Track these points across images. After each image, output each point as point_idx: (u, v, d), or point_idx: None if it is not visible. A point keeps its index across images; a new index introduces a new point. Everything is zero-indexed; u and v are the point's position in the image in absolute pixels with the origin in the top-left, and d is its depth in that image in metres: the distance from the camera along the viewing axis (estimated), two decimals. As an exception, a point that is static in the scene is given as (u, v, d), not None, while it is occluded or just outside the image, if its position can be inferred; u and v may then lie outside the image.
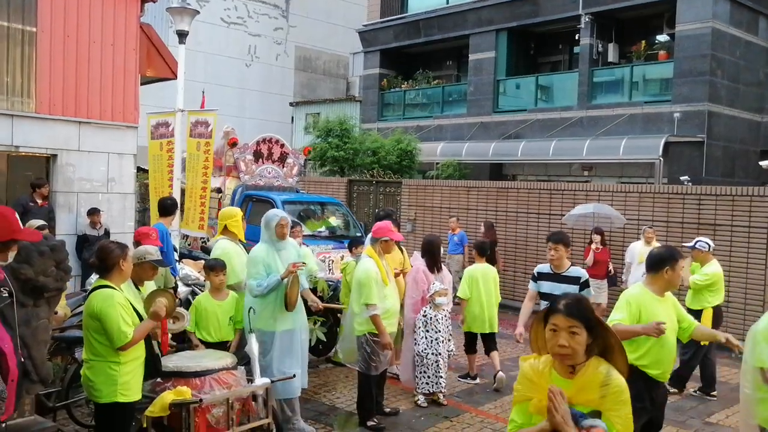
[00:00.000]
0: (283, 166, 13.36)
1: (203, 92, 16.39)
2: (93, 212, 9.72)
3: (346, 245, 10.92)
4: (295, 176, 13.78)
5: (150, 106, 13.78)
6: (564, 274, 6.36)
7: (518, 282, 13.70)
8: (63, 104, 9.27)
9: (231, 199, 12.56)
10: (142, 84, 10.79)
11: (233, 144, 12.60)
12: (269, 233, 6.10)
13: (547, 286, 6.44)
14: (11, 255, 3.60)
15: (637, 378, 4.54)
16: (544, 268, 6.53)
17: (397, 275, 7.38)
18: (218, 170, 13.05)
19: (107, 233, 9.75)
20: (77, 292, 7.24)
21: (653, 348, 4.62)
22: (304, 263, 6.29)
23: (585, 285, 6.29)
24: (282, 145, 13.29)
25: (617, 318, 4.64)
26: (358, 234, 11.99)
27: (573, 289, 6.09)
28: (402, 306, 7.32)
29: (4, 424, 3.72)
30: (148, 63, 10.79)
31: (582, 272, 6.42)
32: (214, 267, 6.10)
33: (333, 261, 11.24)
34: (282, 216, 6.23)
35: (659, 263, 4.71)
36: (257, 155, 12.90)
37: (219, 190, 12.59)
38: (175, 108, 10.44)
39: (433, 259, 7.63)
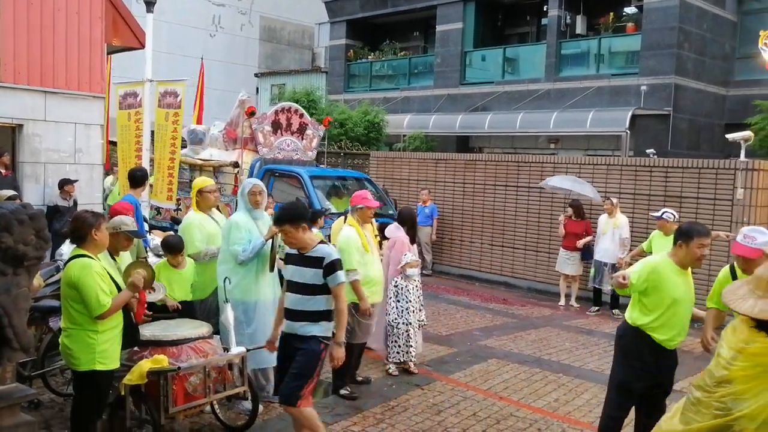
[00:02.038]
0: (302, 138, 12.45)
1: (202, 59, 16.29)
2: (66, 183, 9.58)
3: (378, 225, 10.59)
4: (315, 149, 12.92)
5: (117, 76, 13.49)
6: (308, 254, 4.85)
7: (485, 253, 13.85)
8: (28, 73, 9.07)
9: (249, 173, 11.59)
10: (109, 54, 10.60)
11: (251, 113, 11.64)
12: (245, 202, 6.08)
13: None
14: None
15: (641, 339, 4.83)
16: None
17: None
18: (233, 142, 12.23)
19: (76, 204, 9.63)
20: (48, 263, 7.16)
21: (665, 314, 4.75)
22: None
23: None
24: (301, 115, 12.40)
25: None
26: (390, 212, 11.36)
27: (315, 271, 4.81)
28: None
29: None
30: (114, 32, 10.57)
31: (327, 252, 4.85)
32: (172, 250, 6.06)
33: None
34: (255, 183, 6.24)
35: (676, 237, 4.86)
36: (275, 126, 11.95)
37: (236, 164, 11.53)
38: (143, 78, 10.28)
39: (412, 231, 7.67)
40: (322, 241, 4.83)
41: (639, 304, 4.87)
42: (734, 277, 4.88)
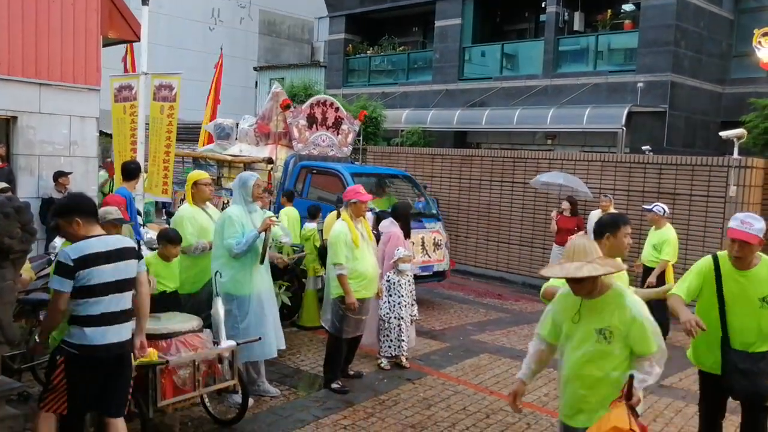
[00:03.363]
0: (338, 133, 11.84)
1: (221, 49, 15.98)
2: (61, 175, 9.57)
3: (426, 224, 10.23)
4: (350, 144, 12.25)
5: (113, 69, 13.47)
6: None
7: (480, 249, 13.88)
8: (23, 65, 9.07)
9: (283, 170, 11.14)
10: (104, 46, 10.59)
11: (286, 107, 11.10)
12: (245, 194, 6.06)
13: None
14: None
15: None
16: None
17: None
18: (265, 137, 11.66)
19: (70, 197, 9.62)
20: (41, 255, 7.18)
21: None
22: (278, 218, 6.39)
23: None
24: (337, 109, 11.79)
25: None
26: (434, 211, 11.02)
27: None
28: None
29: None
30: (110, 24, 10.57)
31: None
32: (172, 241, 6.02)
33: (413, 243, 9.62)
34: (258, 176, 6.29)
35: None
36: (311, 120, 11.38)
37: (270, 161, 10.83)
38: (138, 71, 10.28)
39: (406, 226, 7.73)
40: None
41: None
42: (717, 267, 4.58)
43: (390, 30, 26.36)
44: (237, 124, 12.43)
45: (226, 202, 10.57)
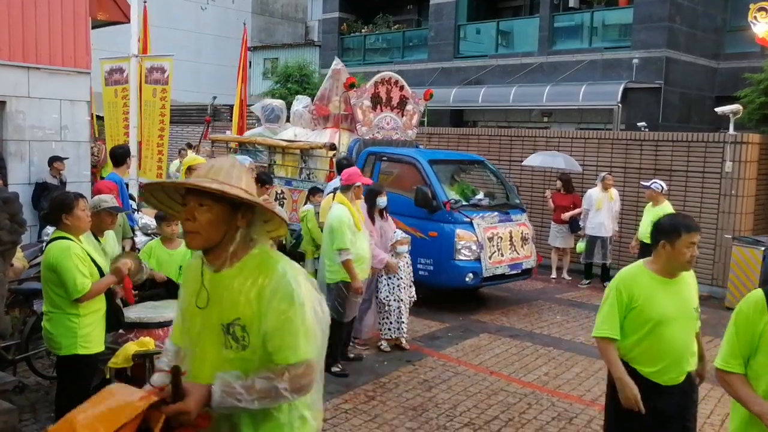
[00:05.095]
0: (402, 114, 10.76)
1: (244, 23, 15.05)
2: (56, 160, 9.43)
3: (513, 217, 9.50)
4: (415, 127, 11.09)
5: (105, 51, 13.25)
6: None
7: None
8: (10, 49, 8.91)
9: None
10: (93, 28, 10.43)
11: (351, 86, 9.98)
12: None
13: None
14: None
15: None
16: None
17: None
18: (323, 120, 10.69)
19: (64, 183, 9.51)
20: (34, 243, 7.10)
21: (647, 338, 3.62)
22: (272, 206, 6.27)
23: None
24: (401, 87, 10.66)
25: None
26: (517, 201, 10.15)
27: None
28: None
29: None
30: (99, 6, 10.41)
31: None
32: (165, 217, 5.93)
33: (501, 239, 9.15)
34: (250, 160, 6.19)
35: (654, 236, 3.71)
36: (375, 101, 10.25)
37: (333, 147, 9.78)
38: (129, 53, 10.14)
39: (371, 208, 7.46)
40: None
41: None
42: None
43: (384, 8, 26.13)
44: (285, 105, 11.55)
45: (280, 192, 10.15)
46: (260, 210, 2.39)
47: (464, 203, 9.22)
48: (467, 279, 8.81)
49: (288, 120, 11.52)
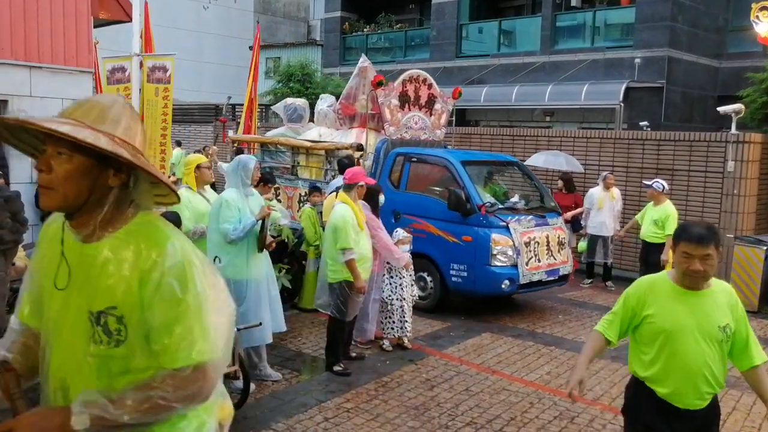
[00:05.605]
0: (431, 114, 10.44)
1: (257, 21, 14.93)
2: None
3: (549, 220, 9.15)
4: (443, 127, 10.78)
5: (106, 50, 13.26)
6: None
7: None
8: (12, 48, 8.92)
9: (374, 158, 9.61)
10: (95, 27, 10.43)
11: (379, 83, 9.63)
12: (245, 177, 5.95)
13: None
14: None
15: (641, 394, 3.44)
16: None
17: None
18: (349, 120, 10.39)
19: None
20: (35, 243, 7.11)
21: (662, 354, 3.32)
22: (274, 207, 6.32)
23: None
24: (430, 86, 10.35)
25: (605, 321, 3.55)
26: (552, 203, 9.84)
27: None
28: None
29: None
30: (100, 4, 10.42)
31: None
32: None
33: (538, 243, 8.77)
34: (257, 159, 6.23)
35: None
36: (403, 99, 9.94)
37: (360, 147, 9.42)
38: (130, 52, 10.13)
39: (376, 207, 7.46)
40: None
41: (632, 342, 3.52)
42: None
43: (386, 7, 26.16)
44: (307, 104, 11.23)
45: (303, 194, 9.76)
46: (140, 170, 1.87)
47: (500, 206, 8.82)
48: (503, 286, 8.45)
49: (311, 120, 11.33)
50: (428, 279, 8.91)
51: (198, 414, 2.02)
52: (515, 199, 9.30)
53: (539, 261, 8.72)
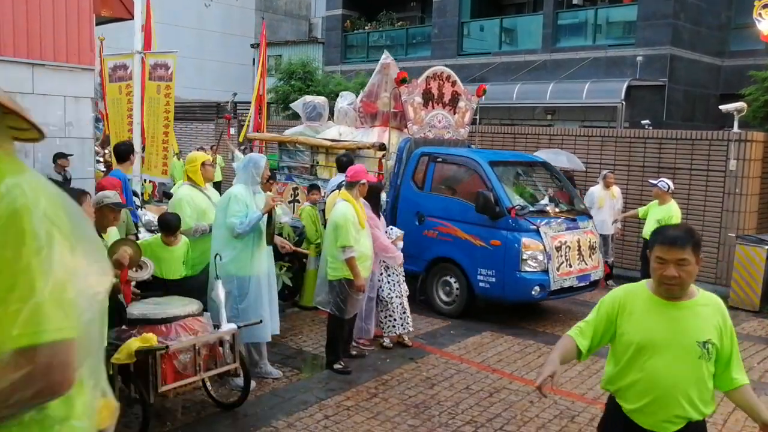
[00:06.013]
0: (454, 112, 10.11)
1: (263, 18, 14.80)
2: (60, 156, 9.44)
3: (580, 224, 8.78)
4: (467, 125, 10.46)
5: (108, 48, 13.26)
6: None
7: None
8: (14, 45, 8.93)
9: (396, 158, 9.33)
10: (97, 24, 10.44)
11: (402, 81, 9.30)
12: (255, 174, 5.96)
13: None
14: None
15: (612, 408, 3.16)
16: None
17: None
18: (371, 118, 10.14)
19: (68, 180, 9.53)
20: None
21: (631, 368, 3.00)
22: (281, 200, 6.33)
23: None
24: (454, 83, 9.98)
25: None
26: (582, 206, 9.52)
27: None
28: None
29: None
30: (102, 2, 10.41)
31: None
32: (167, 228, 5.87)
33: (569, 248, 8.41)
34: (267, 158, 6.25)
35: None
36: (426, 97, 9.63)
37: (382, 146, 9.08)
38: (132, 50, 10.15)
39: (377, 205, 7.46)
40: None
41: (609, 352, 3.20)
42: None
43: (388, 5, 26.14)
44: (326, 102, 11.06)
45: (324, 195, 9.31)
46: None
47: (530, 209, 8.47)
48: (533, 292, 8.13)
49: (330, 118, 11.17)
50: (454, 284, 8.67)
51: (61, 419, 1.49)
52: (545, 201, 9.04)
53: (570, 266, 8.38)
